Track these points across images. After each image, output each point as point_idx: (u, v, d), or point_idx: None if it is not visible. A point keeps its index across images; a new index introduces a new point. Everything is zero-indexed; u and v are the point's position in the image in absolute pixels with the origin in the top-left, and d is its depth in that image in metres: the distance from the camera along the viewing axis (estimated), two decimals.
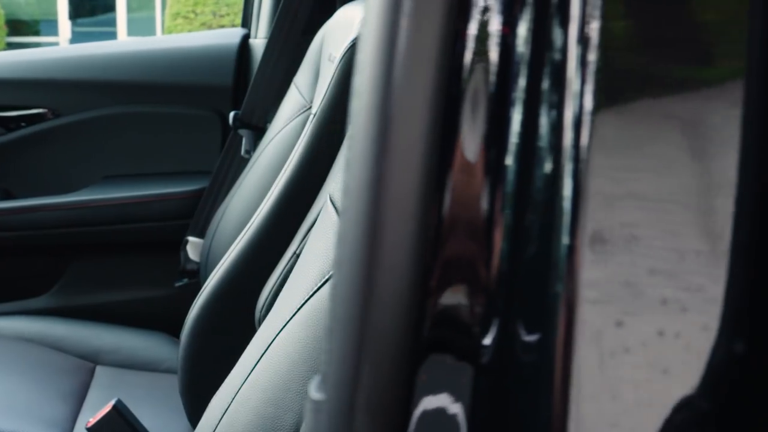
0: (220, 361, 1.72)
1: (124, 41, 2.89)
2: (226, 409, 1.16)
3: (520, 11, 0.37)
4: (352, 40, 1.64)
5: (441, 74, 0.35)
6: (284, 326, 1.12)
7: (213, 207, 2.25)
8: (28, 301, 2.32)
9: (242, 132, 2.26)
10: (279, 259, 1.63)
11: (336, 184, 1.13)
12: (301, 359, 1.09)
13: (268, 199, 1.68)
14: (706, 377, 0.36)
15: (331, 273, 1.10)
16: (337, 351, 0.36)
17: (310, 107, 2.03)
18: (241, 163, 2.25)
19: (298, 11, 2.17)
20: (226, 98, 2.39)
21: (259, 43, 2.42)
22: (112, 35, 13.04)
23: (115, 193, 2.33)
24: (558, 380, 0.36)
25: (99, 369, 2.03)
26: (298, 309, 1.12)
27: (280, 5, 2.18)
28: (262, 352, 1.14)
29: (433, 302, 0.37)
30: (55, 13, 13.31)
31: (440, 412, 0.38)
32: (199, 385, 1.72)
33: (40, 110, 2.35)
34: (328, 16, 2.11)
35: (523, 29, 0.37)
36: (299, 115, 2.05)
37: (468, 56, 0.36)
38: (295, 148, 1.70)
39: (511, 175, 0.37)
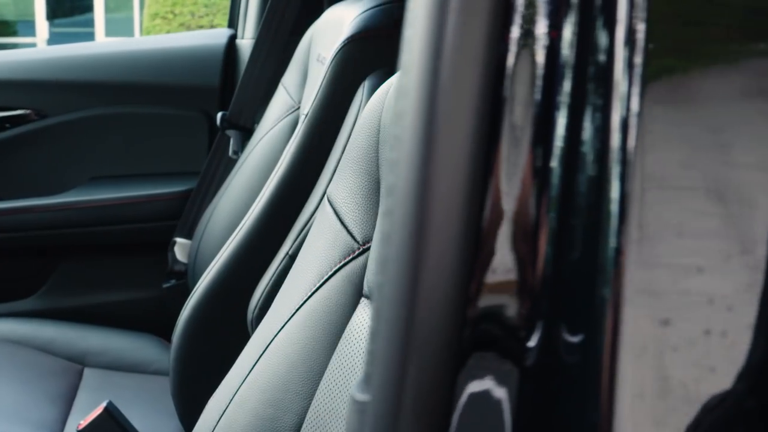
0: (212, 363, 1.72)
1: (110, 42, 2.87)
2: (224, 411, 1.15)
3: (566, 14, 0.37)
4: (343, 41, 1.64)
5: (487, 77, 0.35)
6: (282, 327, 1.12)
7: (201, 208, 2.25)
8: (16, 303, 2.31)
9: (230, 133, 2.25)
10: (271, 259, 1.63)
11: (335, 185, 1.13)
12: (300, 360, 1.09)
13: (259, 200, 1.68)
14: (752, 375, 0.36)
15: (330, 273, 1.10)
16: (382, 352, 0.36)
17: (299, 107, 2.03)
18: (229, 164, 2.24)
19: (285, 11, 2.17)
20: (213, 99, 2.38)
21: (245, 43, 2.42)
22: (90, 35, 12.97)
23: (102, 195, 2.32)
24: (605, 381, 0.36)
25: (87, 371, 2.02)
26: (297, 310, 1.12)
27: (268, 6, 2.18)
28: (260, 353, 1.14)
29: (477, 304, 0.38)
30: (32, 14, 13.23)
31: (484, 414, 0.38)
32: (191, 386, 1.72)
33: (24, 111, 2.34)
34: (315, 17, 2.11)
35: (568, 32, 0.37)
36: (287, 115, 2.05)
37: (514, 59, 0.36)
38: (287, 148, 1.70)
39: (556, 179, 0.38)
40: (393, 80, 1.09)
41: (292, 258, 1.59)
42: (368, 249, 1.08)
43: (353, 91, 1.62)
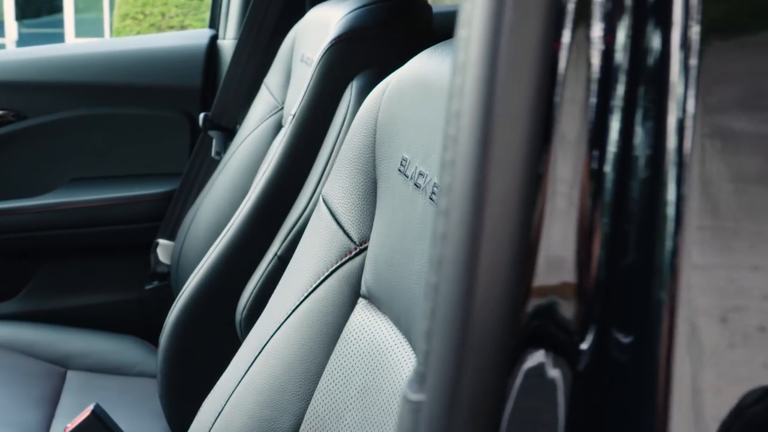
0: (200, 364, 1.71)
1: (90, 42, 2.85)
2: (220, 412, 1.15)
3: (620, 18, 0.37)
4: (330, 42, 1.65)
5: (541, 80, 0.35)
6: (279, 328, 1.12)
7: (183, 209, 2.24)
8: None
9: (212, 133, 2.25)
10: (259, 260, 1.63)
11: (330, 185, 1.13)
12: (297, 361, 1.09)
13: (247, 201, 1.67)
14: None
15: (326, 274, 1.10)
16: (438, 352, 0.36)
17: (282, 108, 2.03)
18: (212, 165, 2.24)
19: (267, 12, 2.17)
20: (195, 99, 2.37)
21: (227, 44, 2.41)
22: (60, 36, 12.89)
23: (84, 196, 2.31)
24: (660, 382, 0.36)
25: (70, 374, 2.01)
26: (293, 310, 1.12)
27: (250, 6, 2.18)
28: (256, 354, 1.14)
29: (531, 305, 0.38)
30: (1, 14, 13.13)
31: (537, 415, 0.38)
32: (179, 388, 1.71)
33: (2, 112, 2.32)
34: (298, 17, 2.11)
35: (622, 36, 0.37)
36: (271, 116, 2.05)
37: (568, 62, 0.37)
38: (274, 149, 1.70)
39: (609, 182, 0.38)
40: (389, 80, 1.09)
41: (280, 259, 1.59)
42: (365, 249, 1.08)
43: (341, 92, 1.62)
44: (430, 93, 0.97)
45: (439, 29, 1.80)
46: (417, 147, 0.97)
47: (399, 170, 1.00)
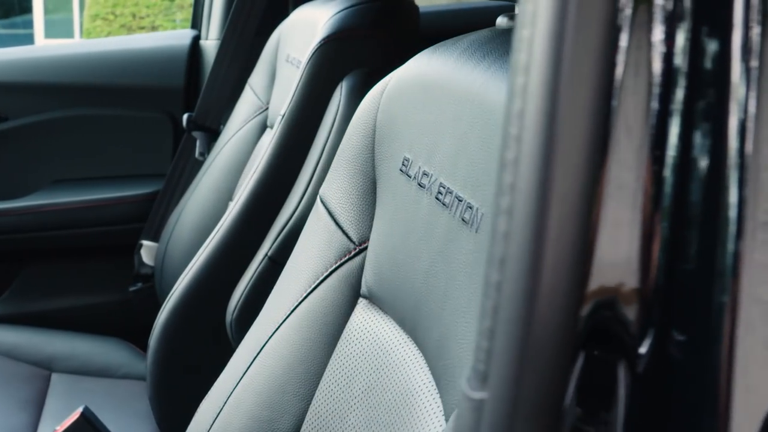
0: (190, 366, 1.71)
1: (72, 43, 2.84)
2: (218, 413, 1.15)
3: (680, 21, 0.37)
4: (319, 42, 1.65)
5: (603, 84, 0.35)
6: (277, 328, 1.12)
7: (167, 210, 2.23)
8: None
9: (196, 134, 2.24)
10: (250, 261, 1.63)
11: (328, 185, 1.13)
12: (297, 361, 1.09)
13: (236, 202, 1.67)
14: None
15: (325, 274, 1.10)
16: (501, 351, 0.36)
17: (267, 108, 2.02)
18: (195, 166, 2.23)
19: (251, 12, 2.16)
20: (178, 100, 2.37)
21: (210, 44, 2.41)
22: (29, 37, 12.79)
23: (66, 198, 2.30)
24: (722, 385, 0.37)
25: (55, 376, 2.00)
26: (292, 311, 1.11)
27: (233, 6, 2.17)
28: (255, 354, 1.13)
29: (591, 306, 0.38)
30: None
31: (597, 416, 0.39)
32: (170, 390, 1.70)
33: None
34: (281, 18, 2.11)
35: (682, 39, 0.37)
36: (255, 116, 2.05)
37: (628, 67, 0.37)
38: (263, 150, 1.69)
39: (669, 185, 0.38)
40: (387, 80, 1.09)
41: (271, 260, 1.59)
42: (365, 249, 1.08)
43: (330, 92, 1.62)
44: (432, 93, 0.97)
45: (425, 29, 1.81)
46: (420, 147, 0.97)
47: (401, 170, 1.00)
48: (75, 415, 1.47)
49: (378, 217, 1.06)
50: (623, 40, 0.36)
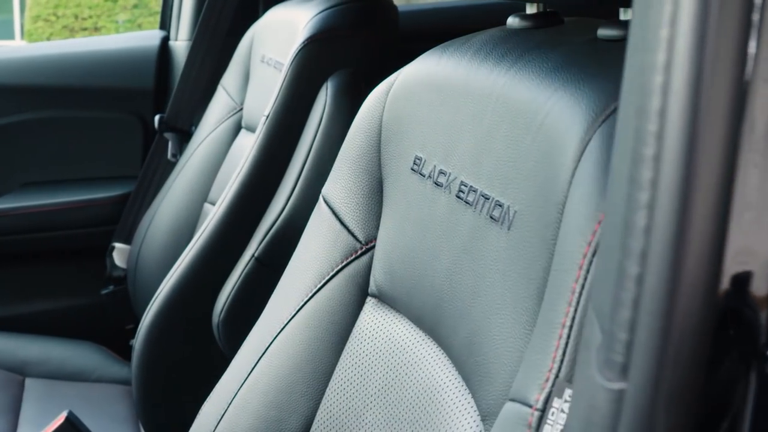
0: (177, 368, 1.70)
1: (40, 44, 2.80)
2: (223, 415, 1.14)
3: None
4: (302, 43, 1.65)
5: (739, 84, 0.36)
6: (283, 328, 1.12)
7: (139, 212, 2.22)
8: None
9: (168, 135, 2.23)
10: (236, 262, 1.62)
11: (332, 185, 1.13)
12: (304, 361, 1.09)
13: (221, 203, 1.66)
14: None
15: (331, 274, 1.10)
16: (643, 343, 0.37)
17: (241, 109, 2.02)
18: (168, 167, 2.22)
19: (222, 13, 2.16)
20: (147, 102, 2.35)
21: (179, 45, 2.39)
22: None
23: (35, 201, 2.27)
24: None
25: (29, 381, 1.97)
26: (297, 311, 1.11)
27: (204, 7, 2.16)
28: (259, 355, 1.13)
29: (727, 303, 0.39)
30: None
31: (727, 411, 0.39)
32: (156, 393, 1.70)
33: None
34: (253, 18, 2.11)
35: None
36: (229, 117, 2.04)
37: (757, 67, 0.38)
38: (246, 151, 1.69)
39: None
40: (392, 80, 1.10)
41: (258, 260, 1.59)
42: (372, 248, 1.08)
43: (315, 92, 1.63)
44: (445, 93, 0.98)
45: (405, 28, 1.82)
46: (434, 146, 0.98)
47: (412, 169, 1.01)
48: (59, 420, 1.46)
49: (386, 216, 1.06)
50: (750, 43, 0.37)
